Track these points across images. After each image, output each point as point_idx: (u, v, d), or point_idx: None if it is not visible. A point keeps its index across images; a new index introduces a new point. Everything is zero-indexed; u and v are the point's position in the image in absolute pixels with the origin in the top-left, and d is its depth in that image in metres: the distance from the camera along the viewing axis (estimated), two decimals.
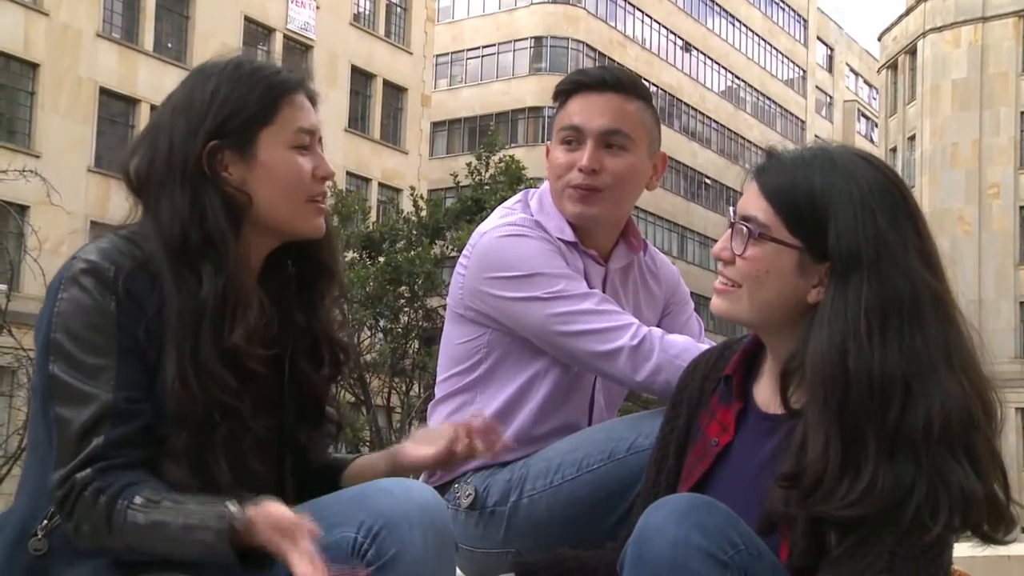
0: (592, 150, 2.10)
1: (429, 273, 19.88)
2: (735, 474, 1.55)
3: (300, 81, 1.66)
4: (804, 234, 1.47)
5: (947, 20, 33.22)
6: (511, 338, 2.09)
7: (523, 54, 38.05)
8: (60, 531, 1.51)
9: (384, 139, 30.57)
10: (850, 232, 1.43)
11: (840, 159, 1.50)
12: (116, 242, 1.54)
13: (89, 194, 22.91)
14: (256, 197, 1.59)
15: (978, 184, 32.05)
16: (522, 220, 2.11)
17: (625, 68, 2.34)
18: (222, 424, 1.52)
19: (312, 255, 1.70)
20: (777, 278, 1.49)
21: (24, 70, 22.77)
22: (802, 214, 1.47)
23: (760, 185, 1.52)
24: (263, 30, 27.51)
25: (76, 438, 1.46)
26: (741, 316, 1.54)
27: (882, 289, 1.41)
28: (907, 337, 1.40)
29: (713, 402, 1.64)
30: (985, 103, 32.33)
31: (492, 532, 2.05)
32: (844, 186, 1.46)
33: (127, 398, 1.48)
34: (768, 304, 1.50)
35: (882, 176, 1.49)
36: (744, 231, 1.50)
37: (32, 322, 1.85)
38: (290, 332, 1.65)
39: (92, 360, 1.48)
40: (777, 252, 1.48)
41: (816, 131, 52.29)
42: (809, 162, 1.51)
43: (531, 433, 2.09)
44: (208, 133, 1.57)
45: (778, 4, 49.73)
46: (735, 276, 1.53)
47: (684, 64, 43.22)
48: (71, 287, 1.49)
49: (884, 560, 1.34)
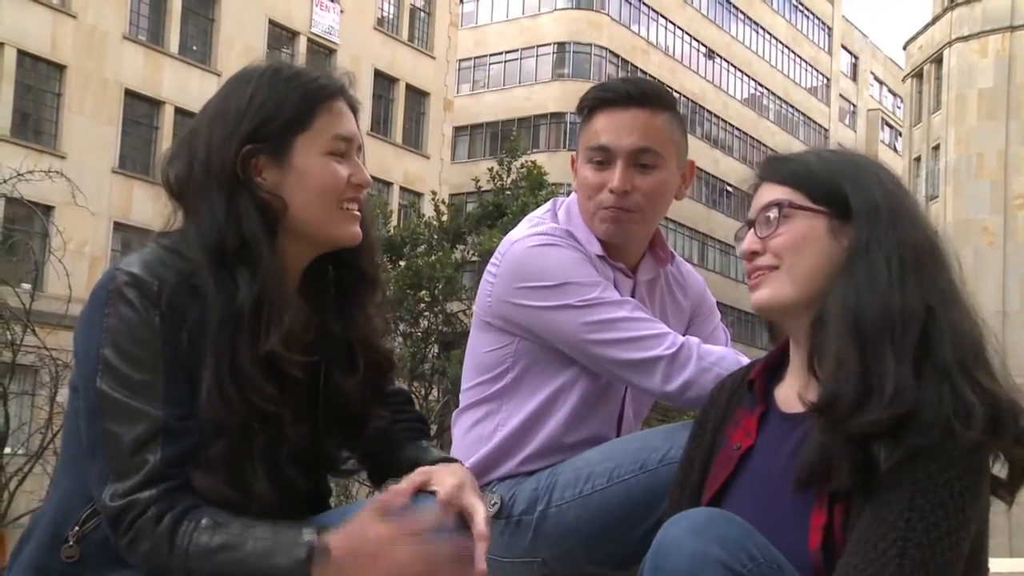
0: (622, 171, 2.08)
1: (450, 278, 19.91)
2: (757, 475, 1.55)
3: (339, 88, 1.65)
4: (826, 199, 1.56)
5: (974, 29, 32.96)
6: (539, 347, 2.08)
7: (546, 60, 38.05)
8: (92, 538, 1.51)
9: (406, 143, 30.64)
10: (866, 190, 1.55)
11: (832, 149, 1.68)
12: (159, 254, 1.54)
13: (113, 195, 23.07)
14: (291, 202, 1.58)
15: (1003, 195, 31.75)
16: (553, 230, 2.10)
17: (648, 79, 2.31)
18: (260, 433, 1.51)
19: (352, 263, 1.69)
20: (814, 243, 1.56)
21: (51, 72, 22.96)
22: (820, 183, 1.58)
23: (771, 178, 1.63)
24: (287, 33, 27.65)
25: (129, 453, 1.46)
26: (786, 295, 1.57)
27: (900, 234, 1.52)
28: (927, 273, 1.51)
29: (739, 413, 1.65)
30: (1012, 113, 32.04)
31: (518, 541, 2.04)
32: (849, 159, 1.62)
33: (176, 415, 1.48)
34: (811, 273, 1.55)
35: (871, 156, 1.65)
36: (770, 215, 1.59)
37: (55, 321, 1.86)
38: (327, 340, 1.64)
39: (140, 376, 1.47)
40: (808, 220, 1.56)
41: (839, 139, 51.90)
42: (808, 152, 1.67)
43: (559, 443, 2.08)
44: (243, 137, 1.57)
45: (802, 12, 49.54)
46: (771, 258, 1.58)
47: (707, 71, 43.11)
48: (117, 302, 1.48)
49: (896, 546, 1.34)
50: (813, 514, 1.44)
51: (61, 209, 18.31)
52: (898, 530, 1.36)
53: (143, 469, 1.45)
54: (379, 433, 1.70)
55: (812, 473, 1.44)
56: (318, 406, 1.64)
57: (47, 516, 1.56)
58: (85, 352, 1.51)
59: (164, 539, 1.43)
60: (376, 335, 1.70)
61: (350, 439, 1.70)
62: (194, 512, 1.44)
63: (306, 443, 1.60)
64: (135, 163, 23.96)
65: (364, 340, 1.68)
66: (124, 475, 1.45)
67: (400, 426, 1.75)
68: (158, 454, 1.45)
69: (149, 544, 1.44)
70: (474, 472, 2.09)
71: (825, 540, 1.43)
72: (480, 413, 2.14)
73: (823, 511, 1.44)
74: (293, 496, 1.56)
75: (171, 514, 1.44)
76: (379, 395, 1.71)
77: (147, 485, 1.45)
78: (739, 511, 1.50)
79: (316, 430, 1.64)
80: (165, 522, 1.43)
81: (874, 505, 1.39)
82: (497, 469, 2.10)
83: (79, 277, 13.46)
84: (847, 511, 1.42)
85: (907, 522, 1.36)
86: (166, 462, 1.46)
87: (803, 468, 1.45)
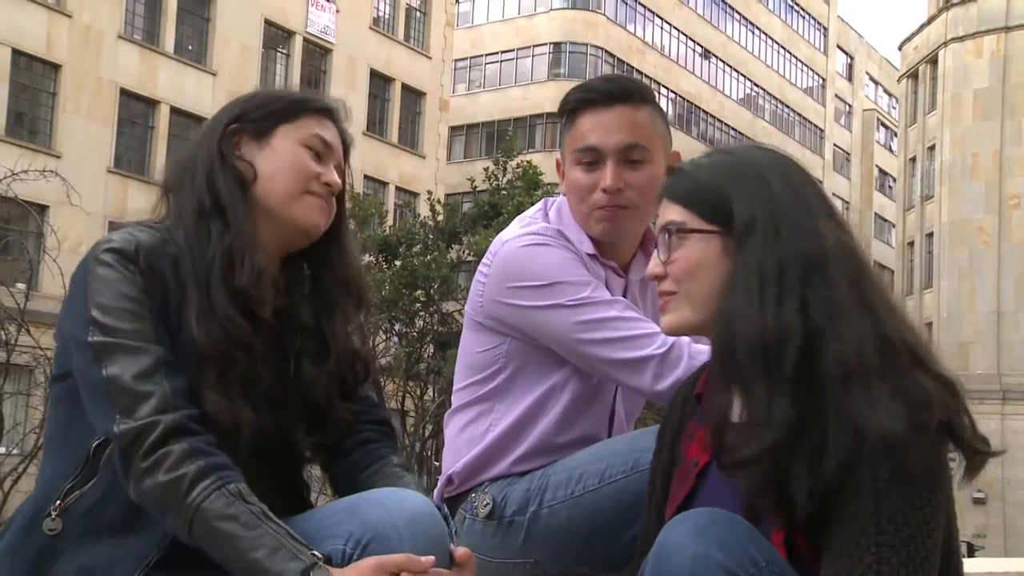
0: (613, 169, 2.08)
1: (445, 277, 19.88)
2: (716, 491, 1.53)
3: (333, 108, 1.75)
4: (716, 217, 1.51)
5: (969, 30, 33.02)
6: (531, 347, 2.08)
7: (542, 59, 38.06)
8: (74, 510, 1.52)
9: (402, 143, 30.65)
10: (746, 201, 1.48)
11: (735, 149, 1.61)
12: (134, 228, 1.62)
13: (108, 194, 23.03)
14: (260, 173, 1.67)
15: (998, 195, 31.80)
16: (544, 229, 2.10)
17: (625, 75, 2.32)
18: (240, 359, 1.56)
19: (328, 264, 1.75)
20: (707, 267, 1.51)
21: (46, 71, 22.94)
22: (708, 200, 1.52)
23: (668, 196, 1.58)
24: (283, 33, 27.64)
25: (134, 386, 1.48)
26: (688, 321, 1.54)
27: (780, 247, 1.44)
28: (815, 288, 1.42)
29: (692, 424, 1.63)
30: (1007, 113, 32.10)
31: (510, 542, 2.03)
32: (739, 166, 1.54)
33: (168, 351, 1.53)
34: (709, 296, 1.50)
35: (774, 154, 1.57)
36: (666, 237, 1.55)
37: (51, 321, 1.88)
38: (301, 334, 1.69)
39: (130, 325, 1.52)
40: (700, 243, 1.52)
41: (835, 140, 52.11)
42: (706, 161, 1.59)
43: (550, 444, 2.08)
44: (231, 119, 1.69)
45: (798, 12, 49.60)
46: (671, 283, 1.55)
47: (703, 71, 43.16)
48: (96, 267, 1.55)
49: (871, 553, 1.32)
50: (772, 532, 1.41)
51: (56, 208, 18.30)
52: (869, 535, 1.33)
53: (153, 397, 1.48)
54: (344, 426, 1.73)
55: (752, 512, 1.42)
56: (286, 392, 1.67)
57: (31, 501, 1.58)
58: (72, 325, 1.54)
59: (185, 480, 1.44)
60: (354, 339, 1.74)
61: (312, 427, 1.72)
62: (226, 473, 1.46)
63: (277, 388, 1.64)
64: (130, 162, 23.94)
65: (340, 339, 1.72)
66: (133, 406, 1.48)
67: (363, 427, 1.77)
68: (164, 384, 1.49)
69: (169, 476, 1.44)
70: (466, 473, 2.11)
71: (790, 553, 1.40)
72: (472, 414, 2.14)
73: (782, 527, 1.41)
74: (270, 476, 1.59)
75: (206, 460, 1.46)
76: (348, 395, 1.74)
77: (165, 410, 1.48)
78: None
79: (285, 419, 1.67)
80: (195, 465, 1.45)
81: (840, 519, 1.36)
82: (489, 470, 2.10)
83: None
84: (808, 517, 1.38)
85: (876, 525, 1.33)
86: (175, 391, 1.50)
87: (744, 511, 1.42)
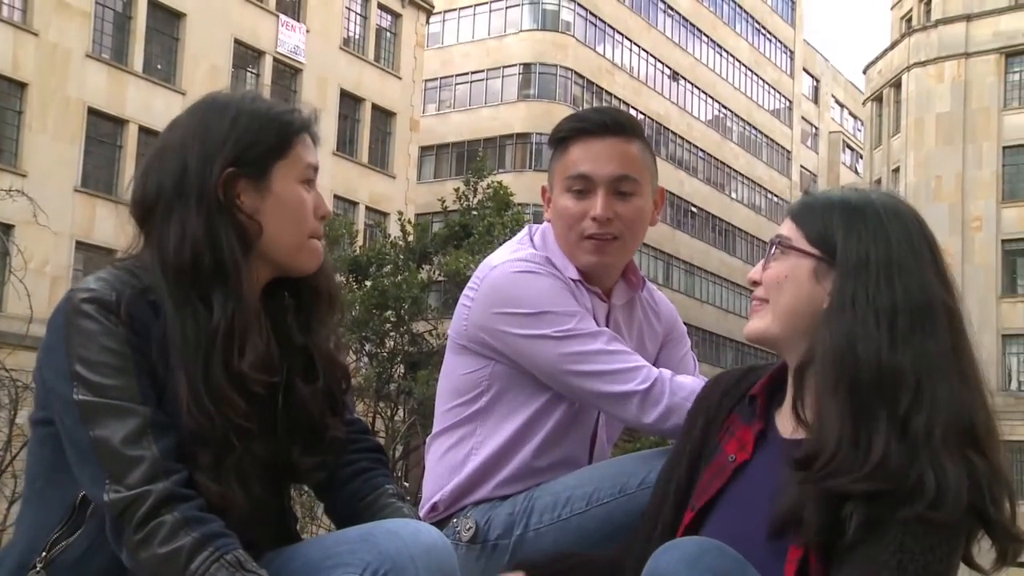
0: (604, 198, 2.10)
1: (415, 298, 19.84)
2: (751, 492, 1.56)
3: (310, 121, 1.71)
4: (821, 244, 1.57)
5: (931, 55, 33.58)
6: (514, 371, 2.09)
7: (512, 80, 38.21)
8: (59, 562, 1.50)
9: (372, 163, 30.59)
10: (860, 239, 1.53)
11: (864, 190, 1.65)
12: (114, 272, 1.57)
13: (75, 214, 22.80)
14: (266, 227, 1.61)
15: (961, 217, 32.29)
16: (532, 256, 2.12)
17: (619, 108, 2.35)
18: (238, 446, 1.53)
19: (308, 281, 1.72)
20: (794, 283, 1.57)
21: (12, 89, 22.70)
22: (815, 226, 1.59)
23: (791, 212, 1.67)
24: (253, 53, 27.55)
25: (121, 449, 1.46)
26: (769, 330, 1.60)
27: (892, 292, 1.49)
28: (918, 338, 1.46)
29: (732, 420, 1.67)
30: (968, 137, 32.63)
31: (494, 565, 2.03)
32: (860, 204, 1.59)
33: (155, 410, 1.50)
34: (789, 311, 1.57)
35: (902, 204, 1.61)
36: (772, 248, 1.63)
37: (15, 342, 1.86)
38: (289, 353, 1.67)
39: (115, 381, 1.49)
40: (795, 260, 1.59)
41: (802, 161, 52.63)
42: (836, 193, 1.65)
43: (531, 467, 2.09)
44: (226, 160, 1.60)
45: (765, 35, 50.17)
46: (762, 292, 1.62)
47: (671, 93, 43.50)
48: (77, 319, 1.50)
49: (895, 558, 1.36)
50: (791, 546, 1.45)
51: (22, 228, 18.08)
52: (890, 568, 1.36)
53: (143, 463, 1.45)
54: (338, 444, 1.73)
55: (785, 524, 1.45)
56: (277, 419, 1.66)
57: (16, 548, 1.55)
58: (54, 377, 1.50)
59: (182, 553, 1.42)
60: (334, 349, 1.74)
61: (310, 447, 1.71)
62: (223, 542, 1.44)
63: (270, 457, 1.62)
64: (98, 182, 23.71)
65: (324, 352, 1.72)
66: (122, 473, 1.45)
67: (357, 456, 1.78)
68: (153, 448, 1.46)
69: (165, 549, 1.42)
70: (448, 498, 2.11)
71: (799, 571, 1.43)
72: (455, 437, 2.15)
73: (801, 545, 1.44)
74: (264, 512, 1.58)
75: (200, 531, 1.43)
76: (336, 407, 1.73)
77: (155, 478, 1.45)
78: (725, 524, 1.52)
79: (277, 442, 1.65)
80: (190, 537, 1.42)
81: (860, 556, 1.39)
82: (472, 494, 2.11)
83: (40, 297, 13.25)
84: (824, 545, 1.42)
85: (899, 564, 1.37)
86: (164, 454, 1.47)
87: (776, 520, 1.46)
